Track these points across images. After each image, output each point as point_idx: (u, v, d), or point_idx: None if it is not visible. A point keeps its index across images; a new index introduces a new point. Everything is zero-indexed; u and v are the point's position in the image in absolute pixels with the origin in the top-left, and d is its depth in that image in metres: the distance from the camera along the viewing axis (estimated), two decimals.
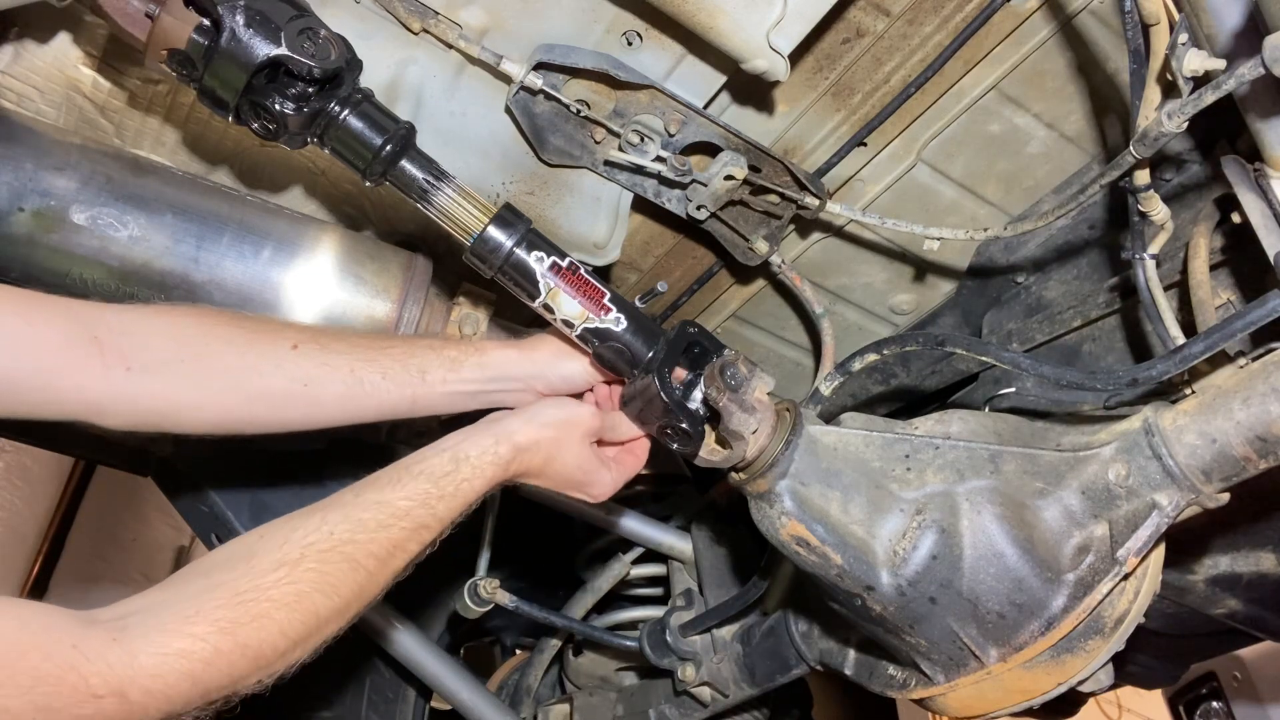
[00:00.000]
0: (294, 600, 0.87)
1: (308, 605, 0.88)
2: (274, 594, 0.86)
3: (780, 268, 1.60)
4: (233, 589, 0.85)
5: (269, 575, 0.87)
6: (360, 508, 0.96)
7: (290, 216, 1.27)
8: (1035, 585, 1.04)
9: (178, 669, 0.78)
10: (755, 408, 1.06)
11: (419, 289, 1.28)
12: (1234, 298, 1.26)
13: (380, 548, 0.95)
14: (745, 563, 1.80)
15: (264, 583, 0.86)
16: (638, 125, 1.36)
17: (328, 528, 0.92)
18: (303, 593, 0.88)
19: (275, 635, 0.86)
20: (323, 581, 0.90)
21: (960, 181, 1.63)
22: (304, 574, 0.89)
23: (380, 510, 0.97)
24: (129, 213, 1.14)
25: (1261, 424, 0.96)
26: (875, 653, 1.27)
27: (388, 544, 0.96)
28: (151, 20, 1.00)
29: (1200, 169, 1.41)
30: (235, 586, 0.85)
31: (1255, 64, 0.89)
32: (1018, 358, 1.11)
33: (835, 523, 1.07)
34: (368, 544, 0.94)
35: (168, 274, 1.16)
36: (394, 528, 0.96)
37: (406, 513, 0.98)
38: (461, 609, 1.62)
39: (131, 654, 0.76)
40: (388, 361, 1.08)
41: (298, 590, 0.88)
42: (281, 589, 0.87)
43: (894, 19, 1.38)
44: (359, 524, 0.94)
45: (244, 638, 0.83)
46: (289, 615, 0.87)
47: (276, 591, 0.87)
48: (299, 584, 0.88)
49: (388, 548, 0.96)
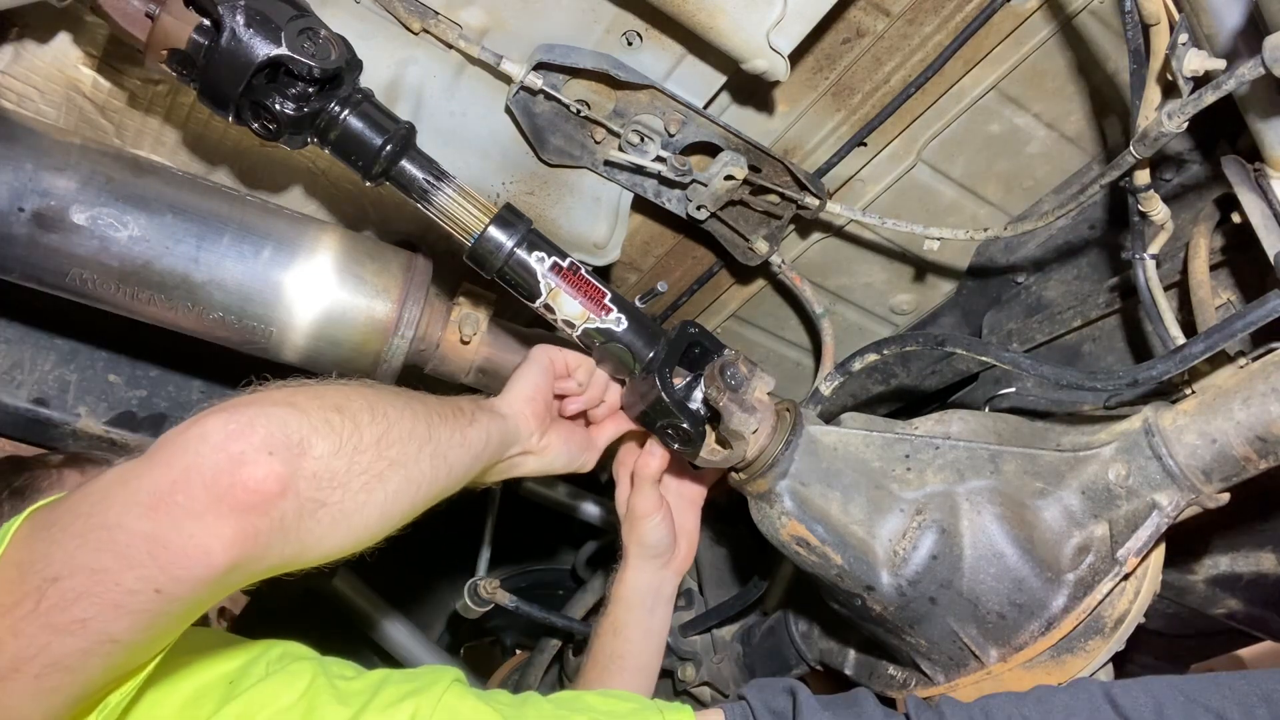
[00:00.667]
0: (358, 385, 0.91)
1: (368, 399, 0.90)
2: (331, 385, 0.89)
3: (780, 268, 1.60)
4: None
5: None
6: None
7: (290, 216, 1.27)
8: (1035, 585, 1.04)
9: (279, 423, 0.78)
10: (755, 408, 1.06)
11: (419, 289, 1.28)
12: (1234, 298, 1.26)
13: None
14: (745, 563, 1.80)
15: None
16: (638, 125, 1.36)
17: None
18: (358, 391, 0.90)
19: (357, 400, 0.87)
20: (377, 387, 0.93)
21: (960, 181, 1.63)
22: (348, 382, 0.92)
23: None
24: (129, 213, 1.14)
25: (1261, 424, 0.96)
26: (875, 653, 1.27)
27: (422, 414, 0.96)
28: (151, 20, 1.00)
29: (1200, 169, 1.41)
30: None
31: (1255, 64, 0.89)
32: (1018, 358, 1.11)
33: (835, 523, 1.07)
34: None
35: (168, 274, 1.16)
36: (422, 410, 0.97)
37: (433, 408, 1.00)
38: (461, 609, 1.62)
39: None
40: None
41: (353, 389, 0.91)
42: (331, 385, 0.89)
43: (894, 19, 1.38)
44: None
45: (330, 398, 0.84)
46: (357, 388, 0.89)
47: (333, 385, 0.89)
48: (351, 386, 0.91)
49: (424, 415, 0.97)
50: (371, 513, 0.85)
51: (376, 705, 0.94)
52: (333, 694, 0.94)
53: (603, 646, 1.31)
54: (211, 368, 1.59)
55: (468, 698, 0.99)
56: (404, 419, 0.91)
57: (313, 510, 0.79)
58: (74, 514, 0.72)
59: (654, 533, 1.25)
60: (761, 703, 1.04)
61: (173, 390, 1.58)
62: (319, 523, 0.80)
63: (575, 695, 1.17)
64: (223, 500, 0.72)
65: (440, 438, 0.95)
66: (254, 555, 0.75)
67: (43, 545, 0.71)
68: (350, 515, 0.83)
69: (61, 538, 0.71)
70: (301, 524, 0.78)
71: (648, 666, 1.31)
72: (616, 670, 1.28)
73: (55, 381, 1.49)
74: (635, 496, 1.24)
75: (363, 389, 0.91)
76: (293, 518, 0.77)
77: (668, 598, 1.32)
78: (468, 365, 1.37)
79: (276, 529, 0.76)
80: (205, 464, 0.72)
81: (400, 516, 0.91)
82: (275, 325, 1.22)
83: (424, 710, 0.94)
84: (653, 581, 1.30)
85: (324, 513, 0.80)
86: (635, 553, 1.29)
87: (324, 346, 1.25)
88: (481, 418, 1.05)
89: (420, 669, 1.06)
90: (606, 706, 1.08)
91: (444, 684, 0.99)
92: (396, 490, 0.88)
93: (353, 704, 0.94)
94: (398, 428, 0.89)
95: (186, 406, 1.58)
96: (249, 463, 0.73)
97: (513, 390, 1.15)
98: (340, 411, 0.84)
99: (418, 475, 0.91)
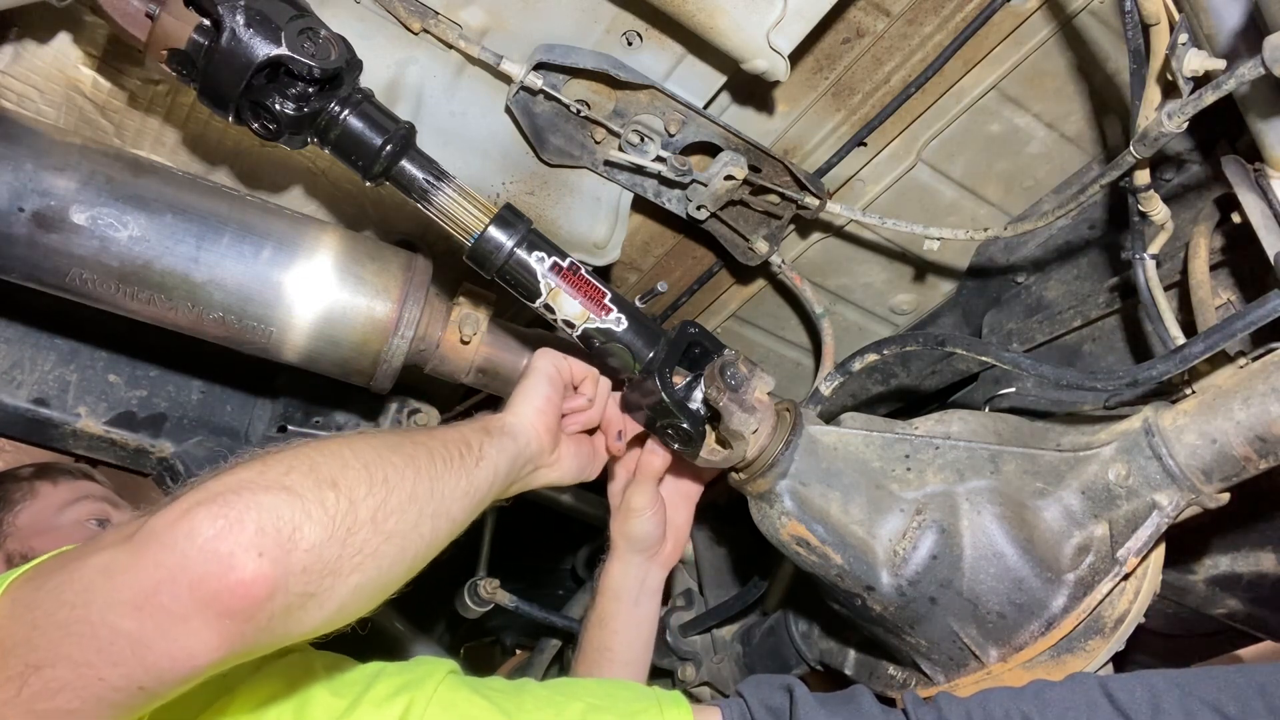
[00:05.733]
0: (359, 443, 0.86)
1: (373, 449, 0.86)
2: (331, 445, 0.85)
3: (780, 268, 1.60)
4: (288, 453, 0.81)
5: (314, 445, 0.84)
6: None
7: (290, 216, 1.27)
8: (1035, 585, 1.04)
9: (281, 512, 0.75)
10: (755, 408, 1.06)
11: (419, 289, 1.28)
12: (1234, 298, 1.26)
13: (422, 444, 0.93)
14: (745, 563, 1.80)
15: (313, 447, 0.84)
16: (638, 125, 1.36)
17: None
18: (361, 440, 0.87)
19: (355, 468, 0.82)
20: (377, 441, 0.89)
21: (960, 181, 1.63)
22: (351, 436, 0.88)
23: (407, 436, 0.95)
24: (129, 213, 1.14)
25: (1261, 424, 0.96)
26: (875, 653, 1.27)
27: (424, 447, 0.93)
28: (152, 20, 1.00)
29: (1200, 169, 1.41)
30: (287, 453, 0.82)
31: (1255, 64, 0.89)
32: (1018, 358, 1.11)
33: (835, 523, 1.07)
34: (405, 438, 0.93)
35: (168, 274, 1.16)
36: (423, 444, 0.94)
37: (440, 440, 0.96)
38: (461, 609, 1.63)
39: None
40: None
41: (355, 440, 0.87)
42: (331, 443, 0.85)
43: (894, 19, 1.38)
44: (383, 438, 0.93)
45: (325, 472, 0.80)
46: (357, 449, 0.85)
47: (334, 443, 0.85)
48: (353, 440, 0.87)
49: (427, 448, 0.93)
50: (363, 592, 0.83)
51: (371, 698, 0.94)
52: (327, 685, 0.93)
53: (590, 639, 1.30)
54: (211, 368, 1.59)
55: (462, 689, 0.99)
56: (404, 480, 0.87)
57: (301, 604, 0.76)
58: (59, 601, 0.70)
59: (644, 526, 1.25)
60: (758, 700, 1.04)
61: (173, 390, 1.58)
62: (306, 613, 0.78)
63: (572, 681, 1.17)
64: (209, 606, 0.70)
65: (443, 492, 0.92)
66: (239, 652, 0.74)
67: (25, 630, 0.70)
68: (341, 598, 0.80)
69: (45, 625, 0.70)
70: (289, 618, 0.76)
71: (636, 659, 1.31)
72: (605, 663, 1.28)
73: (55, 381, 1.49)
74: (633, 490, 1.24)
75: (363, 448, 0.86)
76: (280, 615, 0.75)
77: (653, 590, 1.32)
78: (467, 365, 1.37)
79: (263, 628, 0.74)
80: (192, 565, 0.70)
81: (394, 585, 0.88)
82: (275, 325, 1.22)
83: (419, 703, 0.93)
84: (638, 574, 1.29)
85: (313, 603, 0.78)
86: (622, 545, 1.29)
87: (324, 346, 1.25)
88: (490, 450, 1.01)
89: (414, 660, 1.05)
90: (602, 692, 1.07)
91: (439, 676, 0.99)
92: (391, 563, 0.85)
93: (347, 695, 0.93)
94: (397, 494, 0.85)
95: (186, 406, 1.58)
96: (237, 567, 0.71)
97: (522, 405, 1.12)
98: (335, 488, 0.80)
99: (415, 542, 0.88)
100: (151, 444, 1.54)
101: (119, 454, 1.54)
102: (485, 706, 0.97)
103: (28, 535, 1.45)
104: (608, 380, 1.22)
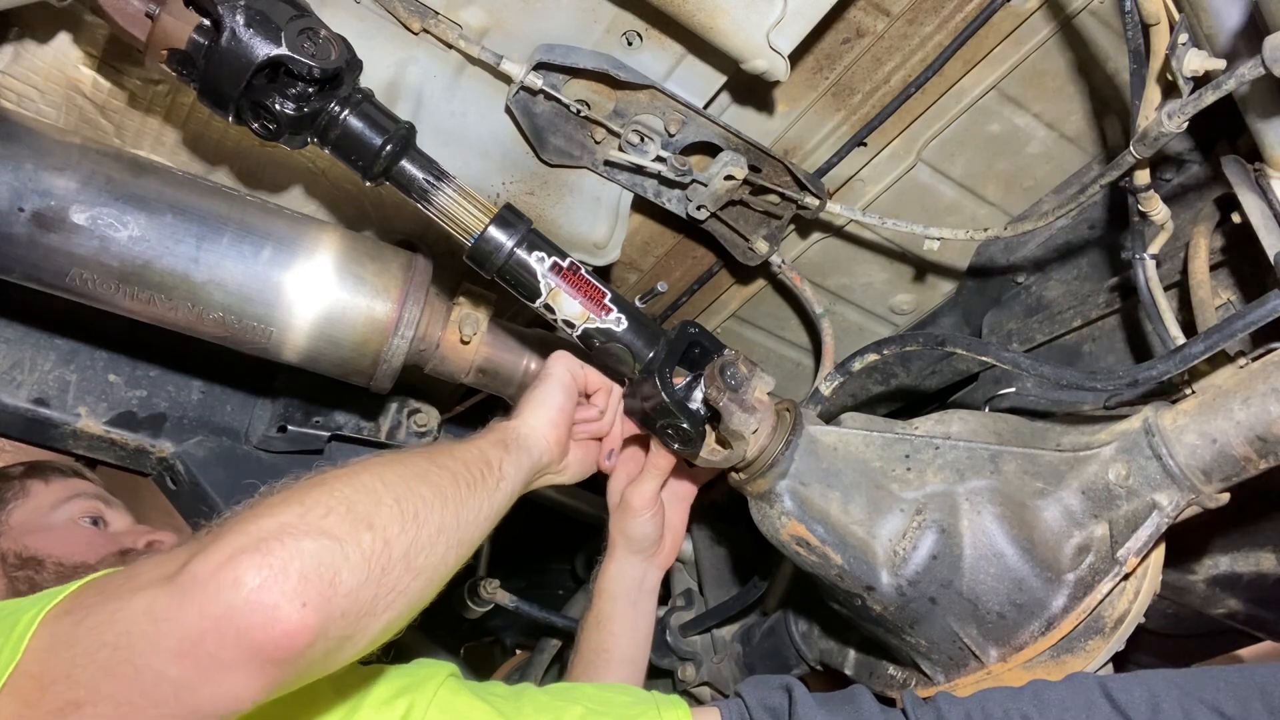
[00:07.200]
0: (389, 474, 0.87)
1: (403, 479, 0.87)
2: (363, 477, 0.85)
3: (780, 268, 1.60)
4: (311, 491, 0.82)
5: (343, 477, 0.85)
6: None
7: (290, 216, 1.27)
8: (1035, 585, 1.04)
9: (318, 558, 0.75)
10: (755, 408, 1.06)
11: (419, 289, 1.28)
12: (1234, 298, 1.26)
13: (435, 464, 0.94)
14: (745, 563, 1.80)
15: (343, 479, 0.84)
16: (638, 125, 1.36)
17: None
18: (393, 466, 0.88)
19: (388, 504, 0.83)
20: (405, 470, 0.89)
21: (960, 181, 1.63)
22: (381, 465, 0.88)
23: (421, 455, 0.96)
24: (129, 213, 1.14)
25: (1261, 424, 0.96)
26: (875, 653, 1.27)
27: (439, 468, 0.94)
28: (151, 20, 1.00)
29: (1200, 169, 1.41)
30: (311, 490, 0.82)
31: (1255, 64, 0.89)
32: (1018, 358, 1.11)
33: (835, 523, 1.07)
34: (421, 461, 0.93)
35: (168, 274, 1.16)
36: (438, 463, 0.95)
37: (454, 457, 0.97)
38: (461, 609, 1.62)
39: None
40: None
41: (388, 467, 0.88)
42: (364, 475, 0.85)
43: (894, 19, 1.38)
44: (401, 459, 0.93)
45: (361, 510, 0.80)
46: (388, 481, 0.86)
47: (366, 475, 0.85)
48: (387, 467, 0.88)
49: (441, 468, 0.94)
50: (393, 627, 0.84)
51: (372, 701, 0.94)
52: (329, 683, 0.94)
53: (588, 640, 1.31)
54: (211, 368, 1.59)
55: (462, 693, 0.99)
56: (433, 514, 0.88)
57: (339, 646, 0.79)
58: (100, 642, 0.71)
59: (644, 526, 1.25)
60: (757, 700, 1.04)
61: (173, 390, 1.58)
62: (342, 653, 0.80)
63: (571, 686, 1.17)
64: (254, 655, 0.71)
65: (468, 519, 0.93)
66: (278, 691, 0.76)
67: (64, 666, 0.71)
68: (372, 635, 0.82)
69: (86, 664, 0.71)
70: (327, 658, 0.79)
71: (634, 660, 1.31)
72: (603, 664, 1.28)
73: (55, 381, 1.49)
74: (634, 490, 1.24)
75: (394, 480, 0.87)
76: (320, 657, 0.77)
77: (650, 591, 1.32)
78: (468, 365, 1.37)
79: (304, 671, 0.77)
80: (238, 616, 0.71)
81: (415, 613, 0.89)
82: (275, 325, 1.22)
83: (419, 705, 0.94)
84: (636, 574, 1.30)
85: (349, 643, 0.80)
86: (621, 545, 1.29)
87: (324, 346, 1.25)
88: (509, 469, 1.03)
89: (415, 663, 1.05)
90: (602, 697, 1.08)
91: (439, 679, 0.99)
92: (419, 597, 0.86)
93: (349, 695, 0.94)
94: (426, 529, 0.86)
95: (186, 406, 1.58)
96: (282, 619, 0.72)
97: (536, 414, 1.13)
98: (371, 528, 0.81)
99: (442, 574, 0.89)
100: (151, 444, 1.54)
101: (119, 454, 1.54)
102: (485, 710, 0.97)
103: (21, 534, 1.46)
104: (619, 391, 1.23)
